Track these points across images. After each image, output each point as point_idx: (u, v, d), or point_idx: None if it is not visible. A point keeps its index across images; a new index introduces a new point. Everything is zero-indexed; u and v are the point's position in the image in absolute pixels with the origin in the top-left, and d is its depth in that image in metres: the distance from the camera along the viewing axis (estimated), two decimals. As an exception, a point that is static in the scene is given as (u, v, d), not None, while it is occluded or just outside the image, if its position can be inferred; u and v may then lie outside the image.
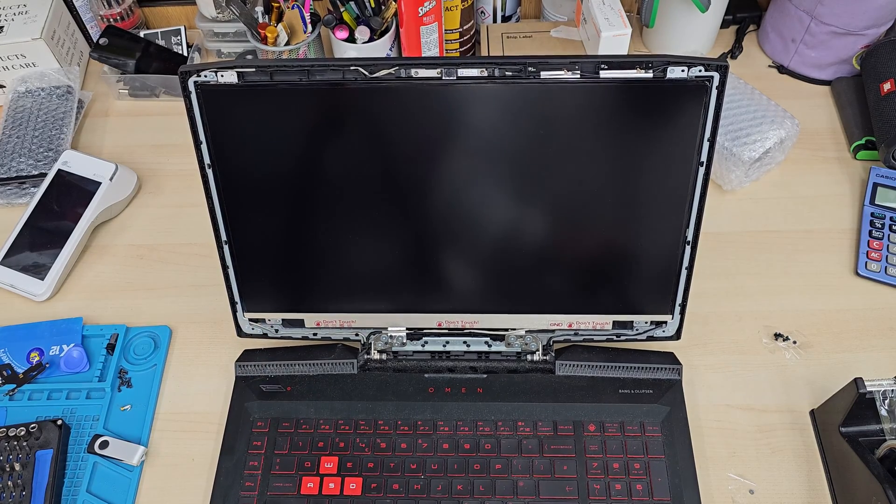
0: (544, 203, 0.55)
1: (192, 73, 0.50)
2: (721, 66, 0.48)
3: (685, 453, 0.58)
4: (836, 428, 0.56)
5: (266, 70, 0.49)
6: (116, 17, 0.89)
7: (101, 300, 0.71)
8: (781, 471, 0.58)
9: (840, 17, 0.77)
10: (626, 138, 0.52)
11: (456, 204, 0.55)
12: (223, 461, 0.59)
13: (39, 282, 0.70)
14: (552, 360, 0.62)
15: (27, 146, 0.80)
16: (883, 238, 0.69)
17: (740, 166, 0.71)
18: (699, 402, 0.62)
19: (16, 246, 0.72)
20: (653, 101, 0.50)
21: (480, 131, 0.52)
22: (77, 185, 0.74)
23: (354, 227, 0.57)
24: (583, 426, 0.59)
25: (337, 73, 0.49)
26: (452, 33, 0.83)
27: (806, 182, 0.76)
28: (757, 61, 0.87)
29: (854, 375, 0.53)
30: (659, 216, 0.55)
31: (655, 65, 0.48)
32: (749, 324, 0.66)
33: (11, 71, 0.86)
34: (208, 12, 0.87)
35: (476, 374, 0.62)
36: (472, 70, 0.49)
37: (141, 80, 0.86)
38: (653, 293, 0.60)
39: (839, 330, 0.65)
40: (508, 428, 0.59)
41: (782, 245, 0.71)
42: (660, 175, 0.53)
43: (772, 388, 0.62)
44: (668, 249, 0.57)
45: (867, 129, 0.77)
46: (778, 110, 0.74)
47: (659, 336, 0.62)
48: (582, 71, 0.49)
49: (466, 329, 0.63)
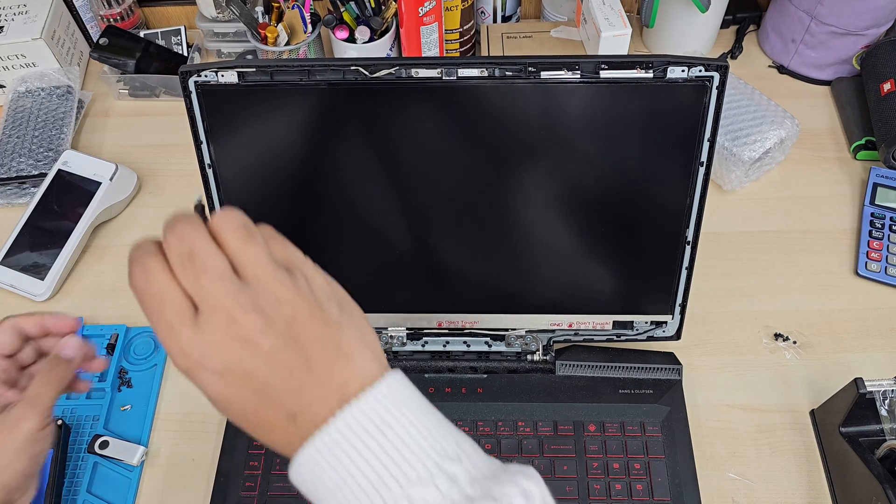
0: (544, 202, 0.55)
1: (192, 72, 0.50)
2: (721, 67, 0.48)
3: (685, 453, 0.58)
4: (836, 428, 0.56)
5: (266, 70, 0.49)
6: (116, 17, 0.89)
7: (101, 300, 0.71)
8: (781, 471, 0.58)
9: (840, 18, 0.77)
10: (626, 138, 0.52)
11: (456, 204, 0.55)
12: (223, 461, 0.59)
13: (39, 282, 0.70)
14: (552, 361, 0.62)
15: (27, 146, 0.80)
16: (883, 238, 0.69)
17: (740, 166, 0.71)
18: (699, 402, 0.62)
19: (16, 246, 0.72)
20: (653, 101, 0.50)
21: (480, 131, 0.52)
22: (77, 185, 0.74)
23: (354, 227, 0.57)
24: (583, 426, 0.59)
25: (337, 73, 0.49)
26: (452, 33, 0.83)
27: (806, 182, 0.76)
28: (757, 61, 0.87)
29: (854, 375, 0.53)
30: (659, 216, 0.55)
31: (655, 65, 0.48)
32: (749, 324, 0.66)
33: (11, 71, 0.85)
34: (208, 12, 0.87)
35: (476, 374, 0.62)
36: (473, 70, 0.49)
37: (141, 80, 0.86)
38: (653, 293, 0.60)
39: (839, 330, 0.65)
40: (508, 428, 0.59)
41: (782, 245, 0.71)
42: (660, 175, 0.53)
43: (772, 388, 0.62)
44: (668, 249, 0.57)
45: (867, 129, 0.77)
46: (778, 110, 0.74)
47: (659, 336, 0.62)
48: (582, 71, 0.49)
49: (466, 329, 0.63)
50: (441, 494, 0.28)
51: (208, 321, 0.29)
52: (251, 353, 0.29)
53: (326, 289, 0.33)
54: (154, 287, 0.30)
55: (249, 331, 0.29)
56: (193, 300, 0.30)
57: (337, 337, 0.31)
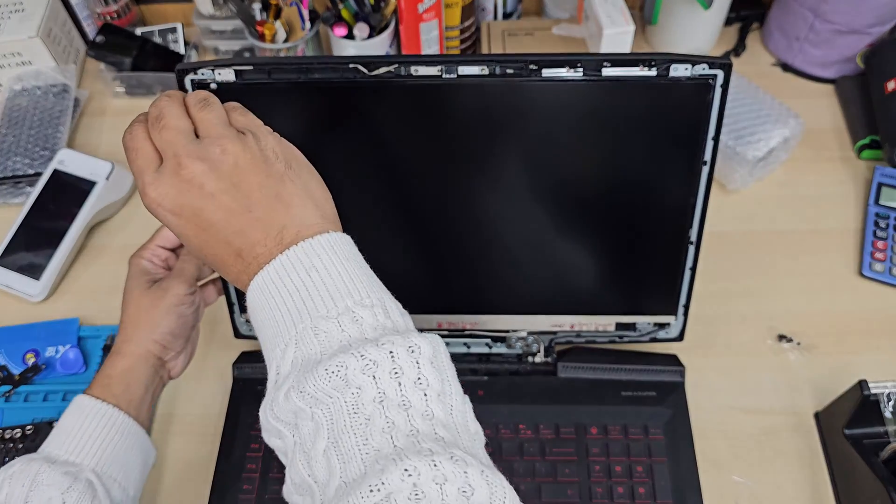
0: (546, 202, 0.54)
1: (188, 71, 0.49)
2: (725, 65, 0.48)
3: (688, 456, 0.57)
4: (840, 430, 0.55)
5: (263, 68, 0.49)
6: (113, 14, 0.89)
7: (97, 301, 0.70)
8: (785, 474, 0.57)
9: (844, 15, 0.76)
10: (628, 137, 0.51)
11: (456, 203, 0.54)
12: (221, 464, 0.58)
13: (35, 282, 0.70)
14: (554, 362, 0.62)
15: (23, 145, 0.79)
16: (887, 238, 0.69)
17: (745, 165, 0.71)
18: (702, 404, 0.61)
19: (11, 246, 0.72)
20: (656, 99, 0.49)
21: (481, 130, 0.51)
22: (73, 185, 0.74)
23: (353, 228, 0.56)
24: (585, 429, 0.59)
25: (335, 72, 0.49)
26: (452, 30, 0.82)
27: (810, 182, 0.75)
28: (761, 59, 0.86)
29: (858, 377, 0.53)
30: (662, 216, 0.55)
31: (658, 63, 0.48)
32: (753, 325, 0.65)
33: (7, 69, 0.85)
34: (205, 9, 0.87)
35: (477, 377, 0.62)
36: (473, 68, 0.48)
37: (138, 78, 0.85)
38: (656, 294, 0.59)
39: (843, 331, 0.65)
40: (510, 431, 0.59)
41: (786, 245, 0.71)
42: (663, 174, 0.53)
43: (775, 391, 0.62)
44: (671, 250, 0.56)
45: (872, 128, 0.76)
46: (782, 109, 0.73)
47: (662, 337, 0.61)
48: (584, 69, 0.48)
49: (467, 331, 0.62)
50: (340, 329, 0.33)
51: (165, 167, 0.36)
52: (197, 194, 0.35)
53: (276, 147, 0.38)
54: (133, 142, 0.37)
55: (194, 174, 0.35)
56: (161, 154, 0.36)
57: (278, 187, 0.36)
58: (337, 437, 0.31)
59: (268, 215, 0.36)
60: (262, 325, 0.36)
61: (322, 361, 0.32)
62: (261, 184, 0.36)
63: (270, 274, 0.35)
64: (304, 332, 0.34)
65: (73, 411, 0.47)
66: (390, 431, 0.31)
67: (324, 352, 0.33)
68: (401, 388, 0.32)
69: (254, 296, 0.36)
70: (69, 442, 0.45)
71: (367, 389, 0.32)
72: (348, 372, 0.32)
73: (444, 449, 0.30)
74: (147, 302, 0.50)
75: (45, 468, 0.43)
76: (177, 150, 0.36)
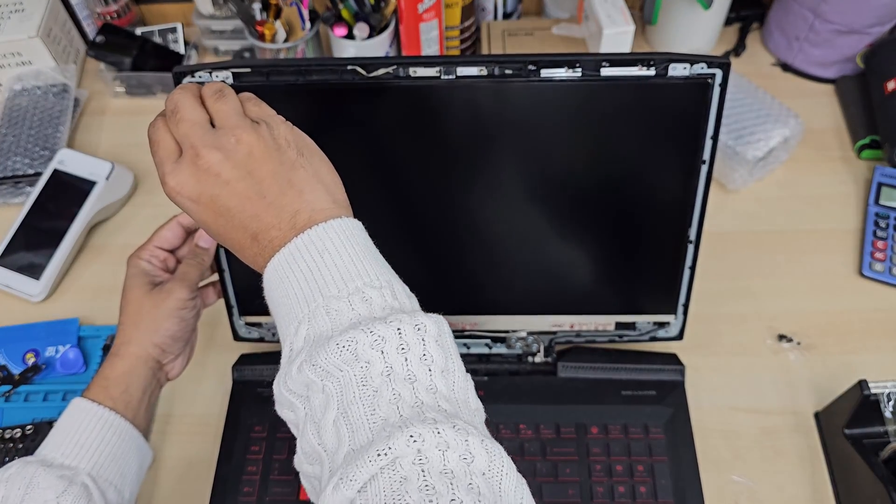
0: (544, 202, 0.54)
1: (186, 73, 0.49)
2: (723, 64, 0.48)
3: (688, 456, 0.57)
4: (840, 430, 0.55)
5: (262, 70, 0.49)
6: (113, 14, 0.88)
7: (97, 301, 0.70)
8: (785, 473, 0.57)
9: (844, 15, 0.76)
10: (627, 137, 0.51)
11: (455, 204, 0.54)
12: (221, 466, 0.58)
13: (35, 282, 0.70)
14: (554, 362, 0.62)
15: (23, 145, 0.79)
16: (887, 238, 0.69)
17: (744, 165, 0.71)
18: (702, 403, 0.61)
19: (11, 246, 0.72)
20: (655, 98, 0.49)
21: (480, 131, 0.51)
22: (73, 185, 0.74)
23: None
24: (585, 428, 0.59)
25: (334, 73, 0.48)
26: (452, 30, 0.82)
27: (810, 182, 0.75)
28: (760, 59, 0.86)
29: (858, 377, 0.53)
30: (661, 215, 0.55)
31: (657, 62, 0.48)
32: (752, 325, 0.65)
33: (7, 69, 0.85)
34: (205, 9, 0.86)
35: (477, 377, 0.62)
36: (472, 69, 0.48)
37: (137, 77, 0.85)
38: (656, 293, 0.59)
39: (843, 331, 0.65)
40: (510, 431, 0.59)
41: (786, 245, 0.71)
42: (662, 174, 0.53)
43: (776, 390, 0.62)
44: (671, 249, 0.56)
45: (871, 127, 0.76)
46: (782, 109, 0.73)
47: (662, 337, 0.61)
48: (583, 69, 0.48)
49: (467, 331, 0.62)
50: (351, 308, 0.35)
51: (183, 158, 0.37)
52: (213, 181, 0.37)
53: (288, 136, 0.39)
54: (155, 134, 0.39)
55: (210, 163, 0.36)
56: (180, 146, 0.38)
57: (290, 174, 0.38)
58: (346, 407, 0.33)
59: (281, 201, 0.37)
60: (276, 304, 0.37)
61: (333, 337, 0.34)
62: (274, 171, 0.37)
63: (285, 256, 0.36)
64: (316, 311, 0.35)
65: (70, 414, 0.47)
66: (396, 402, 0.33)
67: (335, 328, 0.35)
68: (407, 363, 0.34)
69: (269, 277, 0.37)
70: (65, 445, 0.45)
71: (375, 363, 0.33)
72: (358, 347, 0.33)
73: (447, 419, 0.32)
74: (149, 304, 0.51)
75: (41, 471, 0.43)
76: (193, 141, 0.37)
